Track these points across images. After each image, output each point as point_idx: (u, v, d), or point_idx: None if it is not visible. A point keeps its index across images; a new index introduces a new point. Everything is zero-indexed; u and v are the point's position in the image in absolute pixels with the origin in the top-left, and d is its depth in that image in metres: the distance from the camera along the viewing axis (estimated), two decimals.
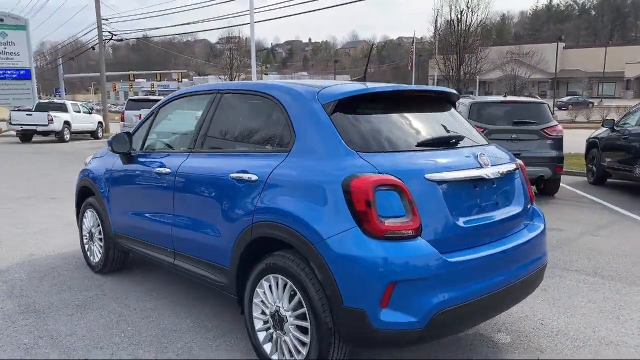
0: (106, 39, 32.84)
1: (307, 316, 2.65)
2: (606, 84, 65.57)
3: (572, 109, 39.99)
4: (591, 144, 10.40)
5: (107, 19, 31.98)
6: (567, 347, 3.34)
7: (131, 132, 4.22)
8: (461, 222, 2.69)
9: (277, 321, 2.85)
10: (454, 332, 2.92)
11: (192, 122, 3.77)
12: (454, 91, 3.50)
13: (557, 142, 8.32)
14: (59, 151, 17.52)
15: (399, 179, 2.54)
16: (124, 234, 4.28)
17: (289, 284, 2.75)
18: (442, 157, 2.80)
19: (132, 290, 4.31)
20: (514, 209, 3.09)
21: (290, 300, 2.77)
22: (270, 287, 2.89)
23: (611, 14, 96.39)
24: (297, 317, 2.74)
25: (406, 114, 3.05)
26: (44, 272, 4.74)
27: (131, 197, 4.17)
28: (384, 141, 2.80)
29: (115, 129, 25.53)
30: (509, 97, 9.04)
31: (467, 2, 33.42)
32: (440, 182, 2.65)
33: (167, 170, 3.66)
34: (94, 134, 24.10)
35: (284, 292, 2.80)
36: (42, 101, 24.51)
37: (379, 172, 2.55)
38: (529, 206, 3.27)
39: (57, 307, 3.93)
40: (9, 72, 30.03)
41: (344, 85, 3.07)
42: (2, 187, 9.72)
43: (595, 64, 63.51)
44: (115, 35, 34.73)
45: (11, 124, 21.33)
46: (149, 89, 63.33)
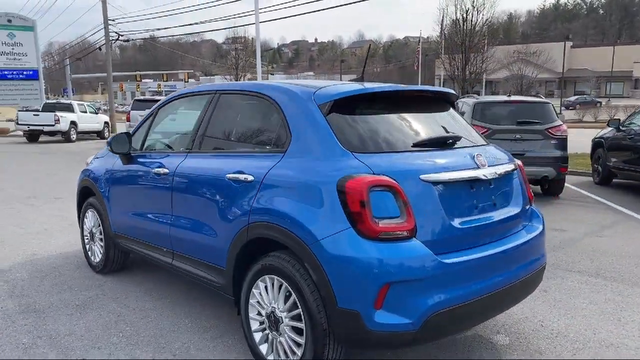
0: (113, 40, 33.00)
1: (302, 317, 2.65)
2: (614, 84, 65.04)
3: (580, 109, 39.73)
4: (597, 144, 10.33)
5: (113, 20, 32.14)
6: (566, 349, 3.32)
7: (131, 132, 4.24)
8: (457, 223, 2.67)
9: (273, 322, 2.84)
10: (450, 333, 2.90)
11: (191, 123, 3.77)
12: (453, 91, 3.48)
13: (562, 142, 8.26)
14: (66, 151, 17.62)
15: (394, 180, 2.53)
16: (124, 234, 4.29)
17: (285, 285, 2.74)
18: (438, 158, 2.78)
19: (132, 290, 4.33)
20: (512, 210, 3.06)
21: (285, 301, 2.77)
22: (266, 288, 2.88)
23: (619, 12, 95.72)
24: (293, 318, 2.73)
25: (403, 115, 3.04)
26: (46, 272, 4.77)
27: (130, 198, 4.18)
28: (380, 142, 2.79)
29: (121, 129, 25.58)
30: (513, 97, 8.98)
31: (473, 2, 33.25)
32: (435, 182, 2.64)
33: (166, 170, 3.66)
34: (100, 134, 24.23)
35: (279, 293, 2.80)
36: (49, 101, 24.66)
37: (374, 173, 2.54)
38: (527, 207, 3.25)
39: (57, 307, 3.95)
40: (17, 72, 30.28)
41: (341, 85, 3.06)
42: (9, 187, 9.78)
43: (603, 63, 63.03)
44: (122, 35, 34.90)
45: (18, 124, 21.51)
46: (156, 89, 63.53)
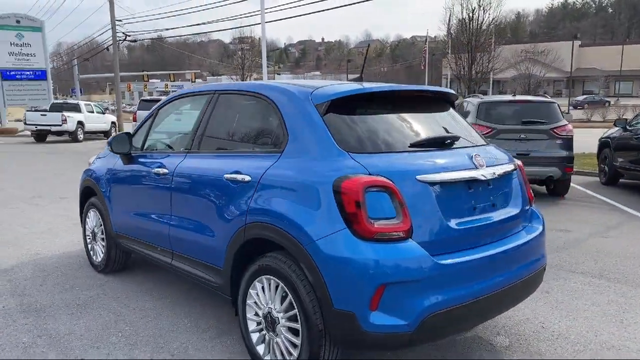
0: (120, 40, 33.17)
1: (298, 318, 2.64)
2: (623, 83, 64.47)
3: (588, 108, 39.32)
4: (603, 144, 10.24)
5: (120, 20, 32.33)
6: (567, 351, 3.29)
7: (131, 132, 4.25)
8: (454, 223, 2.65)
9: (270, 322, 2.84)
10: (447, 335, 2.88)
11: (191, 123, 3.77)
12: (452, 91, 3.46)
13: (567, 142, 8.19)
14: (73, 151, 17.73)
15: (390, 180, 2.51)
16: (125, 234, 4.30)
17: (281, 285, 2.74)
18: (435, 158, 2.76)
19: (133, 290, 4.34)
20: (511, 211, 3.04)
21: (282, 301, 2.76)
22: (263, 288, 2.88)
23: (628, 11, 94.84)
24: (289, 319, 2.73)
25: (401, 115, 3.02)
26: (48, 271, 4.79)
27: (131, 198, 4.19)
28: (377, 142, 2.77)
29: (128, 128, 25.71)
30: (518, 97, 8.93)
31: (479, 1, 33.10)
32: (432, 183, 2.62)
33: (165, 170, 3.67)
34: (107, 134, 24.33)
35: (276, 293, 2.79)
36: (56, 101, 24.83)
37: (370, 173, 2.53)
38: (527, 207, 3.22)
39: (58, 306, 3.97)
40: (25, 73, 30.56)
41: (338, 85, 3.05)
42: (15, 186, 9.86)
43: (612, 62, 62.48)
44: (129, 36, 35.09)
45: (26, 124, 21.68)
46: (163, 89, 63.73)
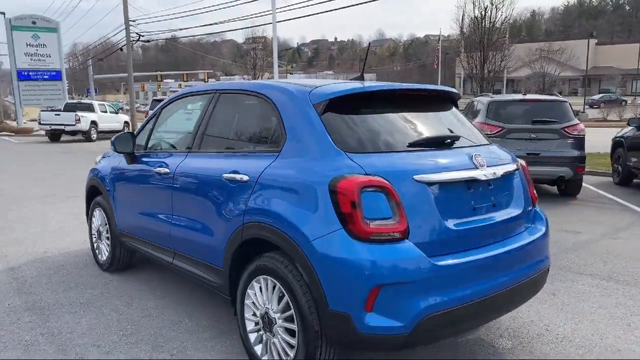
0: (134, 40, 33.41)
1: (295, 319, 2.62)
2: None
3: (604, 107, 38.70)
4: (617, 143, 10.07)
5: (134, 20, 32.50)
6: (571, 354, 3.23)
7: (135, 132, 4.27)
8: (452, 224, 2.61)
9: (267, 323, 2.82)
10: (445, 337, 2.83)
11: (193, 122, 3.77)
12: (455, 90, 3.42)
13: (579, 142, 8.07)
14: (86, 150, 17.90)
15: (387, 180, 2.48)
16: (129, 233, 4.32)
17: (278, 285, 2.72)
18: (434, 158, 2.72)
19: (136, 288, 4.36)
20: (512, 211, 2.99)
21: (279, 302, 2.75)
22: (260, 288, 2.86)
23: None
24: (286, 320, 2.71)
25: (401, 114, 2.99)
26: (55, 270, 4.83)
27: (134, 197, 4.21)
28: (375, 141, 2.74)
29: None
30: (529, 96, 8.82)
31: None
32: (430, 183, 2.58)
33: (167, 170, 3.68)
34: None
35: (273, 293, 2.78)
36: (70, 101, 25.12)
37: (366, 173, 2.50)
38: (530, 208, 3.17)
39: (62, 305, 4.00)
40: (40, 73, 30.99)
41: (337, 84, 3.03)
42: (28, 185, 9.98)
43: (629, 60, 61.46)
44: (142, 36, 35.30)
45: (40, 123, 21.98)
46: (177, 89, 64.13)
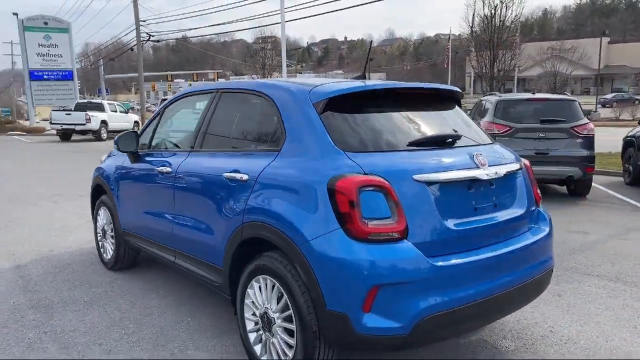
0: (144, 40, 33.62)
1: (293, 318, 2.61)
2: None
3: (617, 107, 38.24)
4: (628, 143, 9.93)
5: (144, 21, 32.74)
6: (575, 356, 3.18)
7: (139, 131, 4.28)
8: (452, 224, 2.58)
9: (266, 323, 2.81)
10: (444, 338, 2.81)
11: (194, 121, 3.77)
12: (457, 89, 3.38)
13: (588, 141, 7.97)
14: (96, 150, 18.01)
15: (385, 180, 2.46)
16: (132, 232, 4.34)
17: (277, 285, 2.71)
18: (434, 157, 2.69)
19: (140, 287, 4.37)
20: (514, 212, 2.95)
21: (278, 302, 2.73)
22: (260, 288, 2.85)
23: None
24: (285, 319, 2.70)
25: (401, 113, 2.96)
26: (60, 268, 4.87)
27: (137, 196, 4.22)
28: (374, 141, 2.72)
29: None
30: (537, 95, 8.73)
31: None
32: (429, 183, 2.55)
33: (169, 169, 3.68)
34: None
35: (272, 293, 2.77)
36: (80, 101, 25.33)
37: (365, 173, 2.48)
38: (533, 208, 3.13)
39: (66, 303, 4.02)
40: (52, 73, 31.28)
41: (337, 83, 3.01)
42: (36, 184, 10.08)
43: None
44: (152, 36, 35.49)
45: (51, 123, 22.19)
46: None
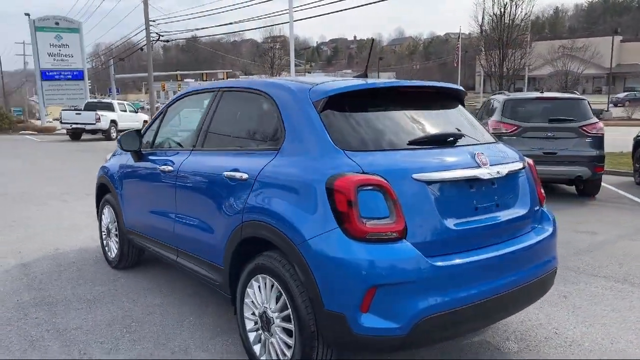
0: (154, 40, 33.78)
1: (292, 318, 2.60)
2: None
3: (629, 106, 37.84)
4: (638, 143, 9.82)
5: (154, 21, 32.90)
6: (579, 358, 3.14)
7: (142, 130, 4.29)
8: (452, 224, 2.55)
9: (265, 322, 2.80)
10: (444, 339, 2.77)
11: (197, 120, 3.77)
12: (460, 88, 3.35)
13: (597, 141, 7.88)
14: (106, 149, 18.11)
15: (384, 179, 2.44)
16: (136, 231, 4.35)
17: (276, 285, 2.70)
18: (434, 156, 2.66)
19: (143, 286, 4.38)
20: (517, 211, 2.91)
21: (277, 301, 2.72)
22: (259, 287, 2.84)
23: None
24: (283, 319, 2.68)
25: (402, 112, 2.93)
26: (65, 266, 4.89)
27: (140, 194, 4.23)
28: (374, 139, 2.69)
29: None
30: (546, 94, 8.64)
31: None
32: (429, 182, 2.52)
33: (170, 168, 3.68)
34: None
35: (271, 293, 2.75)
36: (90, 101, 25.53)
37: (364, 172, 2.45)
38: (537, 208, 3.08)
39: (70, 301, 4.04)
40: (63, 73, 31.58)
41: (338, 81, 2.98)
42: (45, 183, 10.16)
43: None
44: (162, 36, 35.65)
45: (62, 122, 22.38)
46: None
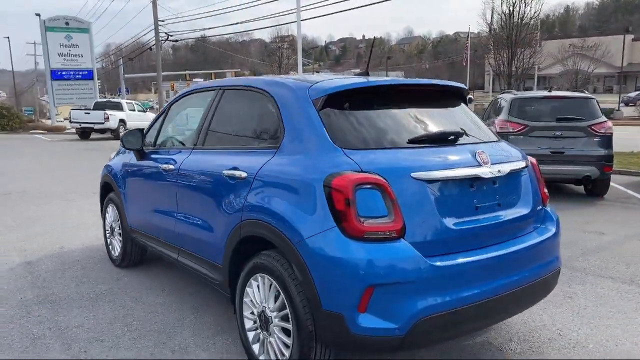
0: (163, 40, 33.94)
1: (290, 318, 2.58)
2: None
3: None
4: None
5: (163, 21, 33.01)
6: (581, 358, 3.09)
7: (145, 129, 4.29)
8: (451, 224, 2.52)
9: (264, 322, 2.79)
10: (443, 340, 2.74)
11: (198, 119, 3.76)
12: (463, 86, 3.31)
13: (606, 140, 7.78)
14: (114, 148, 18.14)
15: (382, 178, 2.41)
16: (138, 229, 4.35)
17: (274, 284, 2.68)
18: (434, 155, 2.63)
19: (146, 285, 4.38)
20: (520, 211, 2.87)
21: (275, 300, 2.71)
22: (258, 287, 2.83)
23: None
24: (282, 319, 2.67)
25: (403, 110, 2.90)
26: (69, 265, 4.91)
27: (142, 193, 4.23)
28: (374, 138, 2.66)
29: None
30: (554, 92, 8.55)
31: None
32: (428, 181, 2.50)
33: (171, 167, 3.68)
34: None
35: (269, 292, 2.74)
36: (99, 100, 25.69)
37: (362, 170, 2.43)
38: (539, 207, 3.04)
39: (72, 299, 4.05)
40: (73, 73, 31.80)
41: (337, 79, 2.96)
42: (52, 182, 10.23)
43: None
44: (171, 36, 35.80)
45: (71, 122, 22.56)
46: None
